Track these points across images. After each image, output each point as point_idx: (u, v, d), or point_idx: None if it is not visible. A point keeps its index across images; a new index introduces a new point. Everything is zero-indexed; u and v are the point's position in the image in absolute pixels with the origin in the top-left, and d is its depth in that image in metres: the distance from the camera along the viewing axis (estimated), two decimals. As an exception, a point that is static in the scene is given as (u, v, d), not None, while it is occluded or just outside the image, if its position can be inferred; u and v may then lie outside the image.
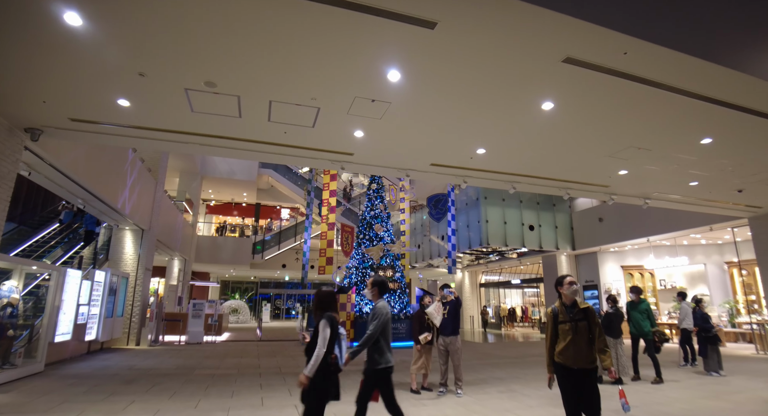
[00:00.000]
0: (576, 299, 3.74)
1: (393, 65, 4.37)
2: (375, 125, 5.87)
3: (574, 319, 3.62)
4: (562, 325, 3.66)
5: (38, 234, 13.20)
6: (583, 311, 3.66)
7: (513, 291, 26.17)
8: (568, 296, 3.73)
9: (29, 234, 13.45)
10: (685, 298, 9.89)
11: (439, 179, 8.20)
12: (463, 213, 17.78)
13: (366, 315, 13.47)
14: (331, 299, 3.57)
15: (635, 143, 6.48)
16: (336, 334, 3.38)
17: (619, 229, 15.51)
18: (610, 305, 7.64)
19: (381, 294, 4.06)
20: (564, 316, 3.69)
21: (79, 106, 5.51)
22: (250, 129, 6.14)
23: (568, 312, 3.68)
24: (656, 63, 4.31)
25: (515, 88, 4.88)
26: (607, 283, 17.16)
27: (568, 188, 8.67)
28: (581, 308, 3.67)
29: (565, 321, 3.66)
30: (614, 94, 4.99)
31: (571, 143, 6.51)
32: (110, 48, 4.21)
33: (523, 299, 26.20)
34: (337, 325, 3.40)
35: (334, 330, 3.36)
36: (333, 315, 3.46)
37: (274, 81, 4.77)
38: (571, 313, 3.66)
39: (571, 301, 3.72)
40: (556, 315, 3.74)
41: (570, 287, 3.74)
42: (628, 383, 7.38)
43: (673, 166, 7.39)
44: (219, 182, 23.37)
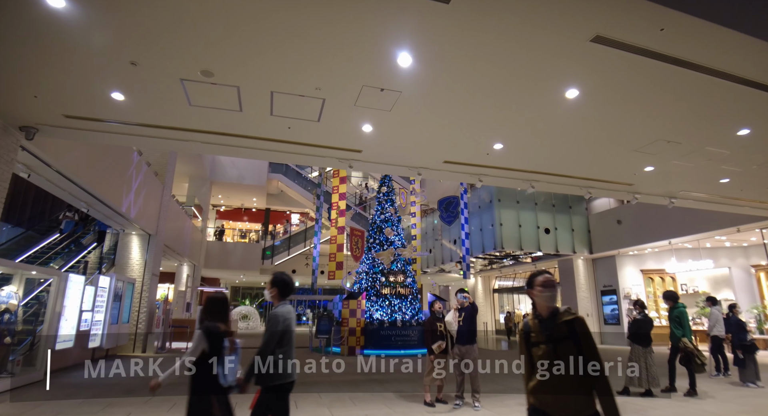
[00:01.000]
0: (558, 307, 2.52)
1: (403, 47, 3.99)
2: (384, 118, 5.49)
3: (552, 338, 2.42)
4: (535, 348, 2.48)
5: (45, 240, 13.07)
6: (567, 325, 2.42)
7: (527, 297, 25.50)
8: (542, 303, 2.53)
9: (36, 240, 13.33)
10: (715, 303, 9.31)
11: (452, 177, 7.80)
12: (476, 216, 17.31)
13: (376, 321, 13.06)
14: (219, 307, 3.17)
15: (664, 136, 6.01)
16: (219, 348, 2.97)
17: (638, 231, 14.92)
18: (638, 311, 7.13)
19: (283, 296, 3.35)
20: (538, 334, 2.48)
21: (72, 101, 5.23)
22: (253, 125, 5.81)
23: (543, 329, 2.47)
24: (696, 40, 3.88)
25: (537, 72, 4.47)
26: (627, 288, 16.53)
27: (590, 187, 8.19)
28: (564, 321, 2.43)
29: (539, 341, 2.46)
30: (645, 78, 4.55)
31: (595, 135, 6.07)
32: (98, 34, 3.91)
33: (538, 305, 25.49)
34: (218, 338, 3.00)
35: (214, 343, 2.96)
36: (214, 325, 3.06)
37: (275, 68, 4.42)
38: (549, 329, 2.44)
39: (550, 311, 2.49)
40: (528, 333, 2.56)
41: (543, 291, 2.51)
42: (658, 395, 6.86)
43: (703, 161, 6.89)
44: (228, 187, 23.24)
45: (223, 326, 3.17)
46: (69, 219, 12.95)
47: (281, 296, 3.33)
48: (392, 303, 13.50)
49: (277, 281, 3.33)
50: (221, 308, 3.21)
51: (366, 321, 13.05)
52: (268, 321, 3.22)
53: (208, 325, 3.08)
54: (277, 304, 3.31)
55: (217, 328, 3.10)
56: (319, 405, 6.15)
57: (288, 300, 3.39)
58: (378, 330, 12.77)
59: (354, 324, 12.52)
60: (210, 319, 3.14)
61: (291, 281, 3.39)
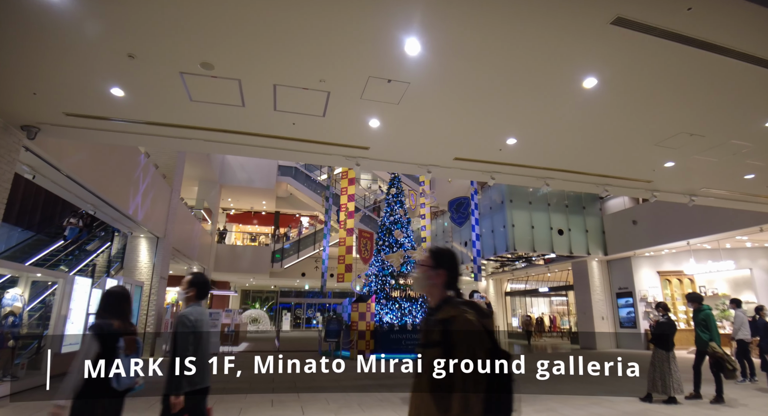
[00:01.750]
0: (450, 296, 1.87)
1: (411, 32, 3.76)
2: (392, 111, 5.27)
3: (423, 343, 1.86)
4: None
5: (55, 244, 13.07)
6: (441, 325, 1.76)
7: (540, 300, 25.10)
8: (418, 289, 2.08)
9: (46, 243, 13.34)
10: (740, 305, 8.91)
11: (463, 175, 7.54)
12: (487, 218, 16.98)
13: (386, 324, 12.81)
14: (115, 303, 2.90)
15: (688, 128, 5.71)
16: (112, 349, 2.69)
17: (655, 232, 14.48)
18: (662, 314, 6.80)
19: (199, 297, 3.13)
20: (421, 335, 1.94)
21: (72, 98, 5.09)
22: (256, 121, 5.62)
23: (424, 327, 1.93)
24: (726, 21, 3.61)
25: (554, 59, 4.22)
26: (643, 290, 16.08)
27: (607, 185, 7.87)
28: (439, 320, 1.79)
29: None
30: (668, 65, 4.27)
31: (613, 129, 5.78)
32: (93, 25, 3.75)
33: (550, 308, 25.07)
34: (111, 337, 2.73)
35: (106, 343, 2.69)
36: (107, 323, 2.77)
37: (277, 59, 4.23)
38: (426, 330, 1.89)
39: (436, 302, 1.89)
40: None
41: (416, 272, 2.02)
42: (682, 401, 6.51)
43: (728, 156, 6.55)
44: (238, 191, 23.21)
45: (118, 323, 2.86)
46: (73, 226, 12.90)
47: (197, 298, 3.13)
48: (402, 306, 13.24)
49: (197, 282, 3.14)
50: (118, 304, 2.93)
51: (376, 324, 12.82)
52: (175, 323, 2.98)
53: (99, 323, 2.79)
54: (188, 305, 3.09)
55: (110, 326, 2.80)
56: (326, 411, 5.93)
57: (201, 302, 3.17)
58: (388, 333, 12.53)
59: (363, 327, 12.30)
60: (105, 316, 2.85)
61: (209, 283, 3.21)
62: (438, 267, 1.91)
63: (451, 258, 1.95)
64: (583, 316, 16.89)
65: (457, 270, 1.95)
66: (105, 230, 13.24)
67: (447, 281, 1.90)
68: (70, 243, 12.89)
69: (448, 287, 1.90)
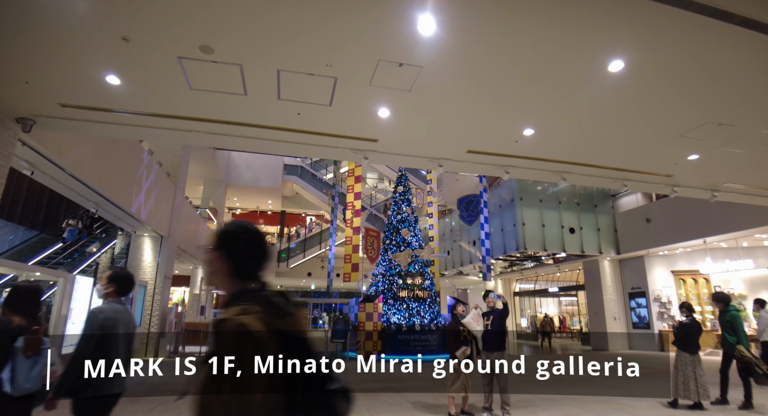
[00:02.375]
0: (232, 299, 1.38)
1: (425, 7, 3.47)
2: (403, 99, 4.97)
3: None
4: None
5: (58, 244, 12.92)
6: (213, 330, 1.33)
7: (549, 300, 24.72)
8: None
9: (50, 243, 13.21)
10: (764, 306, 8.50)
11: (476, 170, 7.23)
12: (497, 216, 16.65)
13: (393, 325, 12.52)
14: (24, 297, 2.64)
15: (716, 118, 5.36)
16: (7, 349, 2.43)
17: (669, 230, 14.09)
18: (686, 314, 6.45)
19: (120, 294, 2.88)
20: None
21: (66, 86, 4.85)
22: (260, 111, 5.35)
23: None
24: (773, -7, 3.29)
25: (579, 39, 3.90)
26: (656, 290, 15.68)
27: (626, 179, 7.52)
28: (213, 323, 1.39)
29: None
30: (700, 45, 3.95)
31: (636, 118, 5.44)
32: (83, 4, 3.50)
33: (560, 309, 24.68)
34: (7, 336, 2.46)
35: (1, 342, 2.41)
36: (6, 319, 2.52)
37: (280, 42, 3.95)
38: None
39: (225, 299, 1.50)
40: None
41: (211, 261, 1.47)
42: (708, 407, 6.17)
43: (758, 147, 6.19)
44: (243, 190, 23.05)
45: (18, 320, 2.59)
46: (72, 227, 12.74)
47: (117, 294, 2.86)
48: (410, 307, 12.96)
49: (117, 277, 2.88)
50: (23, 300, 2.68)
51: (383, 324, 12.53)
52: (85, 320, 2.69)
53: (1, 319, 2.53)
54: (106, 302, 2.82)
55: (8, 324, 2.53)
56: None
57: (121, 299, 2.90)
58: (396, 334, 12.24)
59: (371, 327, 12.03)
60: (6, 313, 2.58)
61: (132, 278, 2.94)
62: (219, 249, 1.40)
63: (237, 235, 1.42)
64: (595, 317, 16.51)
65: (251, 253, 1.40)
66: (106, 232, 13.05)
67: (233, 269, 1.38)
68: (69, 245, 12.73)
69: (239, 276, 1.38)
